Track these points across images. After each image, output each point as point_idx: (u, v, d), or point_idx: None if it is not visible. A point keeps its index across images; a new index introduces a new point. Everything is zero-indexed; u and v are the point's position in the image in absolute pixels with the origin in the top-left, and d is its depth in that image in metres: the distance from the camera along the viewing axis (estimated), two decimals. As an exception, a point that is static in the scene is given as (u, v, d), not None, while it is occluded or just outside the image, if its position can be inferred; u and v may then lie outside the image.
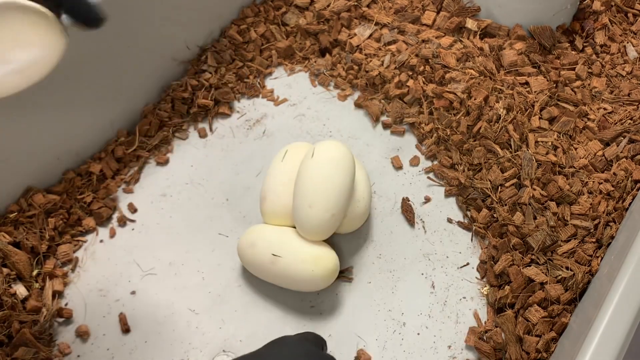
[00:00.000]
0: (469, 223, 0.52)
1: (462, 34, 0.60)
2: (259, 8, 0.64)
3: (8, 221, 0.49)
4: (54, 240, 0.50)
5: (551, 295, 0.45)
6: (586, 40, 0.61)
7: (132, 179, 0.54)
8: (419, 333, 0.47)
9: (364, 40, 0.61)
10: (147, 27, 0.54)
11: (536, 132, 0.53)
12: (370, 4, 0.64)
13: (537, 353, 0.44)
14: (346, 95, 0.60)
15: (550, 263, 0.47)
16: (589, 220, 0.48)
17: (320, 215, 0.44)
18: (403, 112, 0.57)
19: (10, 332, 0.44)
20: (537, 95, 0.55)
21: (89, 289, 0.49)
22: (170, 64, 0.59)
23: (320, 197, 0.44)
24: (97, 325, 0.47)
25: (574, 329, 0.42)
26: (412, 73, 0.57)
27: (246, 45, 0.62)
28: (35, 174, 0.51)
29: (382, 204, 0.53)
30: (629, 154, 0.52)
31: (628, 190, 0.50)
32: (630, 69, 0.59)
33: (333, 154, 0.46)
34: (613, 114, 0.55)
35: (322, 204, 0.44)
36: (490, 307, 0.47)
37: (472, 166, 0.53)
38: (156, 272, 0.50)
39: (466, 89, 0.54)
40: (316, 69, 0.61)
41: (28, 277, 0.47)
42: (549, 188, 0.50)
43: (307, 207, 0.44)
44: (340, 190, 0.45)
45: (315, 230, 0.45)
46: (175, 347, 0.46)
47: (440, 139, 0.55)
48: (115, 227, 0.52)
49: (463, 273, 0.49)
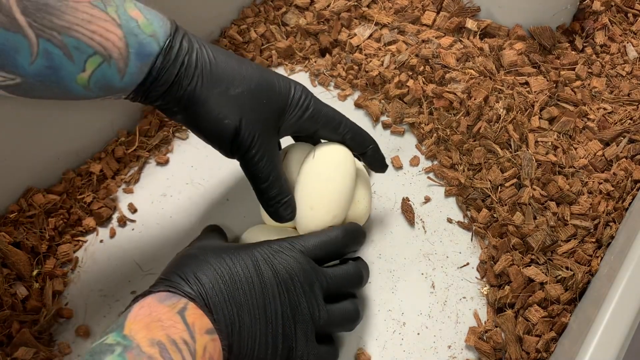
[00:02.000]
0: (469, 223, 0.52)
1: (462, 34, 0.60)
2: (259, 8, 0.64)
3: (8, 221, 0.49)
4: (54, 240, 0.50)
5: (551, 295, 0.45)
6: (586, 40, 0.61)
7: (132, 179, 0.54)
8: (419, 333, 0.47)
9: (364, 41, 0.61)
10: (147, 27, 0.54)
11: (536, 132, 0.53)
12: (370, 4, 0.64)
13: (537, 353, 0.44)
14: (346, 95, 0.60)
15: (550, 263, 0.47)
16: (589, 220, 0.48)
17: (321, 217, 0.44)
18: (403, 112, 0.57)
19: (10, 332, 0.44)
20: (537, 95, 0.55)
21: (89, 289, 0.49)
22: (170, 64, 0.59)
23: (322, 199, 0.44)
24: (97, 325, 0.47)
25: (574, 329, 0.42)
26: (412, 73, 0.57)
27: (246, 45, 0.62)
28: (35, 174, 0.51)
29: (382, 204, 0.53)
30: (629, 154, 0.52)
31: (628, 190, 0.50)
32: (630, 69, 0.59)
33: (334, 155, 0.45)
34: (613, 114, 0.55)
35: (323, 205, 0.44)
36: (490, 307, 0.47)
37: (472, 166, 0.53)
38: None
39: (466, 89, 0.54)
40: (316, 69, 0.61)
41: (28, 277, 0.47)
42: (549, 188, 0.50)
43: (308, 209, 0.44)
44: (341, 191, 0.45)
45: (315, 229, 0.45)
46: (175, 347, 0.46)
47: (440, 139, 0.55)
48: (115, 227, 0.52)
49: (463, 273, 0.50)
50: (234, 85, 0.40)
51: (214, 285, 0.36)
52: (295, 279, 0.38)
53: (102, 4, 0.35)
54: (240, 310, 0.36)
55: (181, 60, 0.38)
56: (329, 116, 0.44)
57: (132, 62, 0.36)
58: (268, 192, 0.42)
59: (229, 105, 0.40)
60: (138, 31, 0.36)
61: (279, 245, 0.40)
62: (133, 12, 0.37)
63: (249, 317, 0.37)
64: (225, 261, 0.38)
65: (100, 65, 0.35)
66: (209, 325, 0.34)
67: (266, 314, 0.37)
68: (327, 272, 0.40)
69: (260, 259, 0.39)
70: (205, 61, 0.39)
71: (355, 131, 0.45)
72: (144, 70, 0.37)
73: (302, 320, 0.38)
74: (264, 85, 0.41)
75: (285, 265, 0.39)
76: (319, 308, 0.39)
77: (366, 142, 0.46)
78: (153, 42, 0.37)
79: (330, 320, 0.40)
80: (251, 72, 0.41)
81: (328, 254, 0.41)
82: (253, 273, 0.38)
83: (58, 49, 0.34)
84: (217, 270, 0.37)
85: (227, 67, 0.40)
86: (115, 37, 0.35)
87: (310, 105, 0.43)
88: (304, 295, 0.39)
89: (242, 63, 0.41)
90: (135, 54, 0.36)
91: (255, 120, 0.40)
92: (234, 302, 0.36)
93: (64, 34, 0.34)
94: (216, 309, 0.36)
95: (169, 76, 0.38)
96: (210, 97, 0.39)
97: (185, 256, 0.39)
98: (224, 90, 0.40)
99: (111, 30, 0.35)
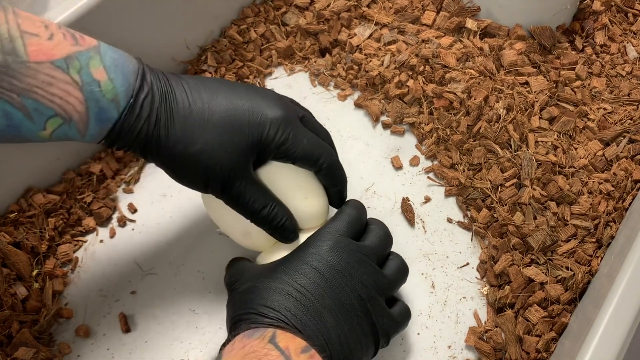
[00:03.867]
0: (469, 223, 0.52)
1: (462, 34, 0.60)
2: (259, 8, 0.64)
3: (8, 221, 0.49)
4: (54, 240, 0.50)
5: (551, 295, 0.45)
6: (586, 40, 0.61)
7: (132, 179, 0.54)
8: (419, 333, 0.47)
9: (364, 40, 0.61)
10: (147, 27, 0.54)
11: (536, 132, 0.53)
12: (370, 4, 0.64)
13: (537, 353, 0.44)
14: (346, 95, 0.60)
15: (550, 263, 0.47)
16: (589, 220, 0.48)
17: (317, 202, 0.45)
18: (403, 112, 0.57)
19: (10, 332, 0.44)
20: (537, 95, 0.55)
21: (89, 289, 0.49)
22: (170, 64, 0.59)
23: (308, 184, 0.44)
24: (97, 325, 0.47)
25: (574, 329, 0.42)
26: (412, 73, 0.57)
27: (246, 45, 0.62)
28: (35, 174, 0.51)
29: (382, 204, 0.53)
30: (629, 154, 0.52)
31: (628, 190, 0.50)
32: (630, 69, 0.59)
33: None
34: (613, 114, 0.55)
35: (313, 189, 0.44)
36: (490, 307, 0.47)
37: (472, 166, 0.53)
38: (156, 272, 0.50)
39: (466, 89, 0.54)
40: (316, 69, 0.61)
41: (28, 277, 0.47)
42: (549, 188, 0.50)
43: (303, 200, 0.44)
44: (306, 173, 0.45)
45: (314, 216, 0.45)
46: (175, 347, 0.46)
47: (440, 139, 0.55)
48: (115, 227, 0.52)
49: (463, 273, 0.50)
50: (197, 142, 0.39)
51: (287, 306, 0.36)
52: (351, 261, 0.39)
53: (64, 64, 0.35)
54: (322, 317, 0.37)
55: (142, 123, 0.38)
56: (307, 151, 0.42)
57: (92, 125, 0.37)
58: (265, 221, 0.42)
59: (193, 162, 0.39)
60: (99, 96, 0.36)
61: (316, 241, 0.40)
62: (97, 72, 0.36)
63: (332, 318, 0.37)
64: (283, 279, 0.38)
65: (60, 125, 0.36)
66: (302, 344, 0.34)
67: (344, 307, 0.38)
68: (366, 244, 0.41)
69: (311, 260, 0.39)
70: (167, 119, 0.39)
71: (331, 167, 0.44)
72: (103, 133, 0.37)
73: (372, 296, 0.39)
74: (231, 130, 0.40)
75: (336, 253, 0.39)
76: (379, 276, 0.40)
77: (336, 181, 0.45)
78: (113, 108, 0.37)
79: (391, 282, 0.41)
80: (218, 118, 0.39)
81: (356, 230, 0.42)
82: (315, 276, 0.38)
83: (17, 110, 0.34)
84: (282, 290, 0.37)
85: (190, 122, 0.39)
86: (76, 101, 0.35)
87: (287, 140, 0.41)
88: (365, 273, 0.39)
89: (211, 105, 0.40)
90: (95, 118, 0.36)
91: (223, 167, 0.40)
92: (313, 312, 0.37)
93: (23, 95, 0.34)
94: (303, 327, 0.36)
95: (131, 135, 0.38)
96: (175, 155, 0.39)
97: (243, 293, 0.39)
98: (185, 148, 0.39)
99: (72, 93, 0.35)
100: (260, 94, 0.42)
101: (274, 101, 0.42)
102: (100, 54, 0.37)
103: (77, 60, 0.35)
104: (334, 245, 0.40)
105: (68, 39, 0.36)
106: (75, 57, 0.35)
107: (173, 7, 0.56)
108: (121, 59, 0.38)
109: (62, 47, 0.35)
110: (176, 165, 0.40)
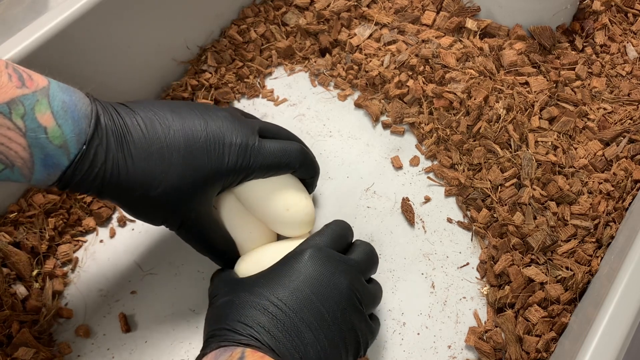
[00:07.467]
0: (469, 223, 0.52)
1: (462, 34, 0.60)
2: (259, 8, 0.64)
3: (8, 221, 0.49)
4: (54, 240, 0.50)
5: (551, 295, 0.45)
6: (586, 40, 0.61)
7: (132, 179, 0.54)
8: (419, 333, 0.47)
9: (364, 40, 0.61)
10: (147, 27, 0.54)
11: (536, 132, 0.53)
12: (370, 4, 0.64)
13: (537, 353, 0.44)
14: (346, 95, 0.60)
15: (550, 263, 0.47)
16: (589, 220, 0.48)
17: (301, 210, 0.45)
18: (403, 112, 0.57)
19: (10, 332, 0.44)
20: (537, 95, 0.55)
21: (89, 289, 0.49)
22: (170, 64, 0.59)
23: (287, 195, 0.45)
24: (97, 325, 0.47)
25: (574, 329, 0.42)
26: (412, 73, 0.57)
27: (246, 45, 0.62)
28: (35, 174, 0.51)
29: (382, 204, 0.53)
30: (629, 154, 0.52)
31: (628, 190, 0.50)
32: (630, 69, 0.59)
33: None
34: (613, 114, 0.55)
35: (293, 196, 0.45)
36: (490, 307, 0.47)
37: (472, 166, 0.53)
38: (156, 272, 0.50)
39: (466, 89, 0.54)
40: (316, 69, 0.61)
41: (28, 277, 0.47)
42: (549, 188, 0.50)
43: (284, 211, 0.44)
44: (288, 178, 0.45)
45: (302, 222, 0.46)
46: (175, 347, 0.46)
47: (440, 139, 0.55)
48: (115, 227, 0.52)
49: (463, 273, 0.50)
50: (157, 186, 0.38)
51: (262, 321, 0.35)
52: (335, 271, 0.38)
53: (7, 109, 0.33)
54: (300, 333, 0.36)
55: (96, 170, 0.37)
56: (274, 162, 0.42)
57: (38, 170, 0.35)
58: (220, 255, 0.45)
59: (153, 205, 0.39)
60: (45, 142, 0.34)
61: (298, 252, 0.39)
62: (43, 118, 0.34)
63: (311, 333, 0.36)
64: (262, 292, 0.37)
65: (2, 170, 0.34)
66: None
67: (325, 320, 0.37)
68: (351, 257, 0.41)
69: (292, 272, 0.38)
70: (125, 164, 0.37)
71: (303, 164, 0.45)
72: (52, 178, 0.36)
73: (356, 307, 0.38)
74: (191, 169, 0.39)
75: (319, 264, 0.38)
76: (364, 288, 0.40)
77: (311, 172, 0.47)
78: (62, 154, 0.35)
79: (372, 296, 0.41)
80: (177, 157, 0.39)
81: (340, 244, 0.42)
82: (295, 288, 0.37)
83: None
84: (258, 305, 0.36)
85: (150, 165, 0.38)
86: (19, 147, 0.34)
87: (250, 164, 0.41)
88: (352, 283, 0.39)
89: (168, 142, 0.39)
90: (41, 164, 0.35)
91: (183, 209, 0.40)
92: (290, 328, 0.36)
93: None
94: (276, 344, 0.35)
95: (85, 181, 0.37)
96: (135, 199, 0.38)
97: (219, 307, 0.38)
98: (146, 192, 0.38)
99: (14, 139, 0.33)
100: (214, 119, 0.41)
101: (228, 124, 0.41)
102: (49, 97, 0.35)
103: (21, 104, 0.33)
104: (315, 255, 0.39)
105: (14, 80, 0.34)
106: (20, 101, 0.33)
107: (173, 7, 0.56)
108: (72, 101, 0.36)
109: (5, 90, 0.33)
110: (135, 206, 0.40)
